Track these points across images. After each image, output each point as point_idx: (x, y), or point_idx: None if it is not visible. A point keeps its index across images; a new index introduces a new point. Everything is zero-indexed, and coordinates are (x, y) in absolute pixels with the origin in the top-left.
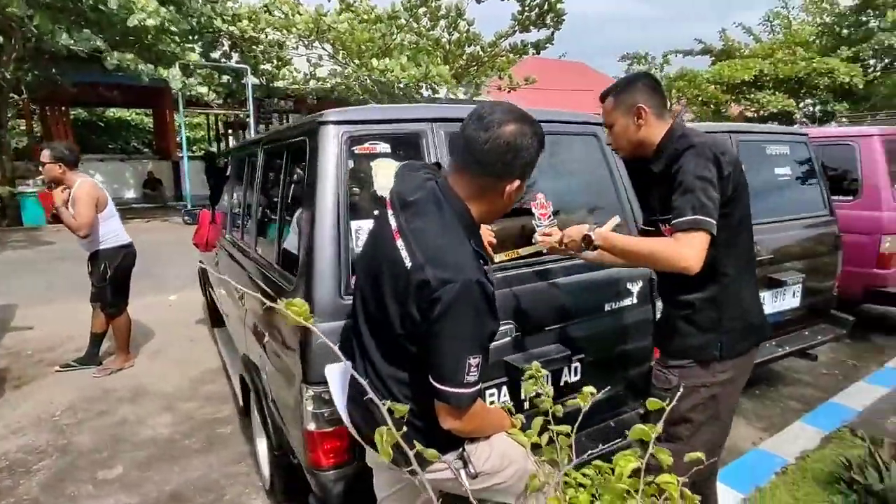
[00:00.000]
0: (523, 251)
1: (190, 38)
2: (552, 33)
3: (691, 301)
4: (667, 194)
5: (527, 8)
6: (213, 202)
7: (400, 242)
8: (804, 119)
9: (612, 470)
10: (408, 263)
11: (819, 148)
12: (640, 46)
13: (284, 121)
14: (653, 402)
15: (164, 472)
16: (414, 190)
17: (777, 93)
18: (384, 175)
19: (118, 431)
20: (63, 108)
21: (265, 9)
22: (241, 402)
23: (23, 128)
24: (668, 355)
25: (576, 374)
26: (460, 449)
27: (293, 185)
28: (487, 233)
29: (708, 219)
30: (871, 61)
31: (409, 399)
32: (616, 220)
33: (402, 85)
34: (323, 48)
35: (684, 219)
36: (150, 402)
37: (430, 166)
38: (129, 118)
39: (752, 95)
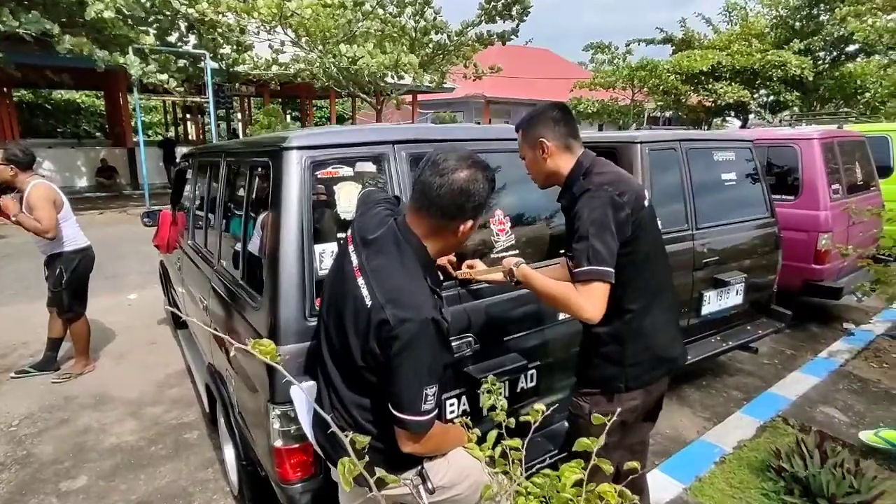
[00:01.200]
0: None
1: (145, 20)
2: (517, 25)
3: (599, 334)
4: (569, 232)
5: None
6: (173, 203)
7: (361, 280)
8: (759, 108)
9: (560, 478)
10: (368, 302)
11: (764, 150)
12: (611, 31)
13: (246, 105)
14: (582, 443)
15: (130, 480)
16: (375, 228)
17: (733, 83)
18: (347, 198)
19: (81, 440)
20: (5, 90)
21: None
22: (207, 409)
23: None
24: (581, 383)
25: (532, 381)
26: (419, 466)
27: (257, 203)
28: None
29: (602, 268)
30: (821, 54)
31: (371, 423)
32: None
33: (372, 72)
34: (286, 34)
35: (581, 269)
36: (113, 408)
37: (391, 200)
38: (78, 100)
39: (710, 86)
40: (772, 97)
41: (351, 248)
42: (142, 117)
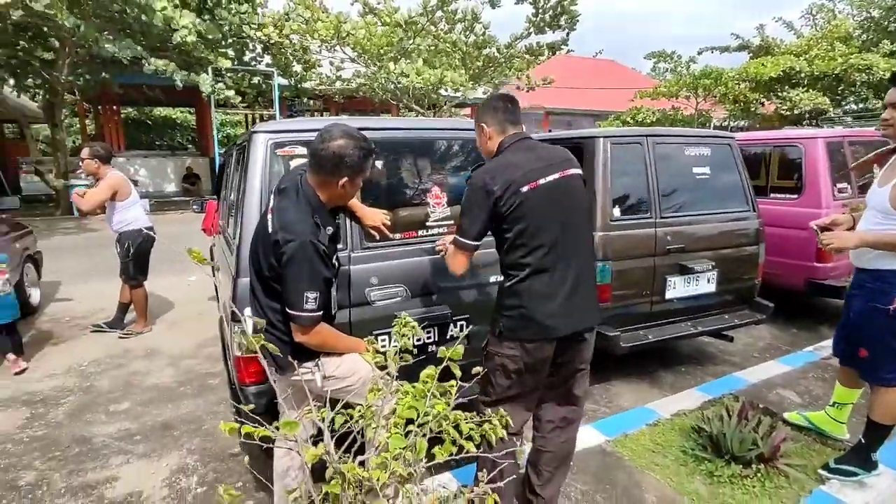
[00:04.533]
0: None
1: (223, 43)
2: (567, 35)
3: (498, 288)
4: None
5: (541, 11)
6: (217, 193)
7: (270, 217)
8: (845, 117)
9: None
10: (270, 229)
11: (770, 149)
12: (692, 42)
13: None
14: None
15: (160, 408)
16: (286, 181)
17: (811, 90)
18: None
19: (130, 379)
20: (114, 108)
21: (286, 16)
22: (223, 357)
23: (78, 127)
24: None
25: (461, 330)
26: (317, 359)
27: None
28: (382, 216)
29: (463, 239)
30: None
31: (280, 322)
32: None
33: (418, 87)
34: (344, 52)
35: (454, 236)
36: (159, 359)
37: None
38: (174, 116)
39: (784, 93)
40: (860, 104)
41: (271, 196)
42: (226, 130)
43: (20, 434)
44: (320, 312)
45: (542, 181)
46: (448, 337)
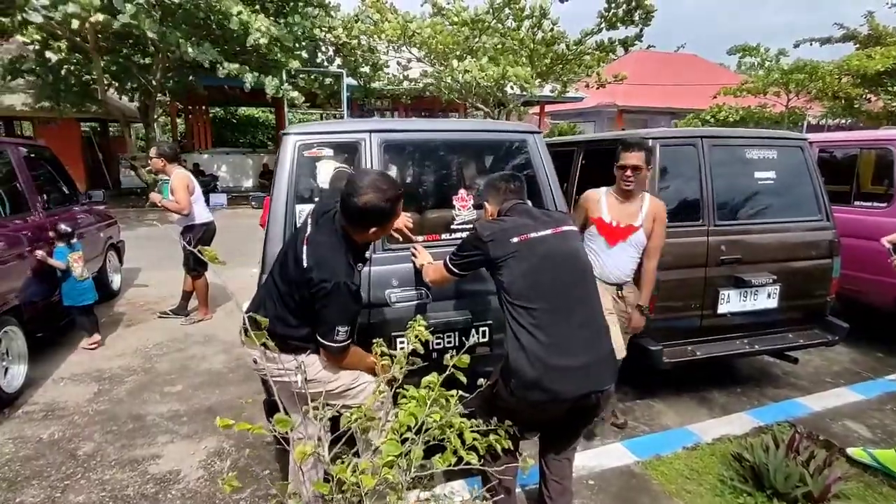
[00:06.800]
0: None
1: (296, 46)
2: (641, 30)
3: (507, 341)
4: None
5: (613, 5)
6: None
7: (305, 248)
8: None
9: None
10: (305, 263)
11: (856, 152)
12: (791, 32)
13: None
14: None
15: (208, 392)
16: (323, 215)
17: None
18: (325, 171)
19: (187, 363)
20: (202, 108)
21: (356, 18)
22: None
23: (170, 126)
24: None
25: (484, 337)
26: (300, 362)
27: None
28: (405, 219)
29: (450, 264)
30: None
31: (285, 330)
32: None
33: (482, 85)
34: (410, 52)
35: (447, 256)
36: (215, 345)
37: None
38: (256, 116)
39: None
40: None
41: (310, 221)
42: None
43: (87, 408)
44: (349, 342)
45: (532, 235)
46: (470, 343)
